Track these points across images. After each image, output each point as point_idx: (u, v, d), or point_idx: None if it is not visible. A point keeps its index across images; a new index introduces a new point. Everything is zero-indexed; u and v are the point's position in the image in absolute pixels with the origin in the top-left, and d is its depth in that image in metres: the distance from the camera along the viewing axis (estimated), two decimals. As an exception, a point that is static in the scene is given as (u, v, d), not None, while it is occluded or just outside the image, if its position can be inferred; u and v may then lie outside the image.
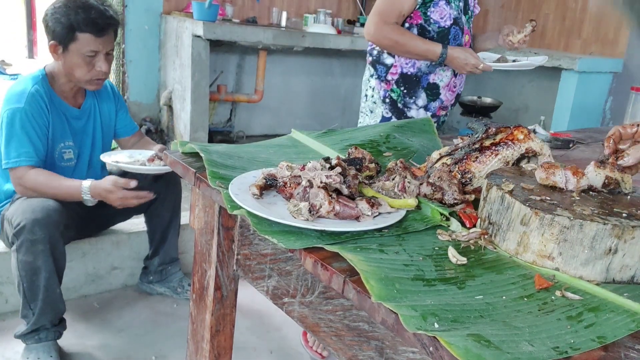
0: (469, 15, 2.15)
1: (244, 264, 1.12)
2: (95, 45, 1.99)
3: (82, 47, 1.97)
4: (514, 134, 1.11)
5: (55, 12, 1.95)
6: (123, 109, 2.32)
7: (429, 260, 0.84)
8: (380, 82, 2.13)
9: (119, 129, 2.32)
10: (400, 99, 2.11)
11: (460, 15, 2.07)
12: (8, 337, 2.06)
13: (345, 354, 0.88)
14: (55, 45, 1.98)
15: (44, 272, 1.87)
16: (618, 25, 4.20)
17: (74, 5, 1.96)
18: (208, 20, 3.68)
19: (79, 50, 1.97)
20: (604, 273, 0.83)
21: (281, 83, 4.83)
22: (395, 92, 2.11)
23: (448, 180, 1.04)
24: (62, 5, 1.96)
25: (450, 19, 2.03)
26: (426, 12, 2.01)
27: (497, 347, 0.63)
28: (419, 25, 2.02)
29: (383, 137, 1.39)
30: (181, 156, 1.21)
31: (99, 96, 2.22)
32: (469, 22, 2.15)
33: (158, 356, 2.08)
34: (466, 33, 2.12)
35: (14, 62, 5.48)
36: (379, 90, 2.14)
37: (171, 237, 2.42)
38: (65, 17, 1.94)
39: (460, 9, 2.08)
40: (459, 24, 2.06)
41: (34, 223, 1.84)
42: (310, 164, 1.03)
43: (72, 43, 1.96)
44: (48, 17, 1.97)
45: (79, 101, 2.14)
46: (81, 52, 1.97)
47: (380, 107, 2.14)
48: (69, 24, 1.94)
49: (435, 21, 2.01)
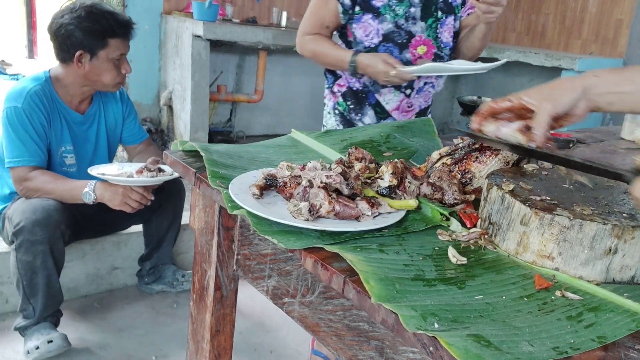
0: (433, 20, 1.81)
1: (244, 264, 1.12)
2: (123, 48, 2.03)
3: (112, 52, 1.99)
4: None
5: (81, 22, 1.94)
6: (132, 116, 2.30)
7: (429, 260, 0.84)
8: (330, 93, 1.99)
9: (126, 136, 2.29)
10: (347, 113, 1.94)
11: (402, 26, 1.77)
12: (8, 337, 2.07)
13: (346, 354, 0.88)
14: (82, 54, 1.97)
15: (43, 271, 1.88)
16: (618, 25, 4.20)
17: (98, 11, 1.97)
18: (208, 20, 3.68)
19: (108, 56, 1.99)
20: (604, 273, 0.83)
21: (281, 83, 4.83)
22: (342, 106, 1.95)
23: (448, 180, 1.04)
24: (85, 15, 1.95)
25: (379, 35, 1.76)
26: (352, 29, 1.79)
27: (497, 347, 0.63)
28: (348, 43, 1.84)
29: (383, 137, 1.39)
30: (181, 156, 1.21)
31: (106, 102, 2.20)
32: (431, 28, 1.81)
33: (158, 356, 2.08)
34: (421, 44, 1.80)
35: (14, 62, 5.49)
36: (329, 101, 2.00)
37: (166, 245, 2.42)
38: (98, 25, 1.95)
39: (413, 17, 1.77)
40: (394, 40, 1.77)
41: (34, 223, 1.84)
42: (310, 164, 1.03)
43: (102, 49, 1.98)
44: (72, 28, 1.94)
45: (84, 107, 2.12)
46: (110, 56, 2.00)
47: (332, 118, 2.00)
48: (101, 31, 1.95)
49: (359, 40, 1.78)
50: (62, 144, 2.06)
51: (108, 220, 2.26)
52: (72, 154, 2.09)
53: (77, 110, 2.10)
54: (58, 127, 2.03)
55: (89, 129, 2.14)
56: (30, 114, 1.93)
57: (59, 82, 2.04)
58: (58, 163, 2.06)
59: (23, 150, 1.93)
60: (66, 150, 2.07)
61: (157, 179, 1.98)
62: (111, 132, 2.22)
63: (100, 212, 2.15)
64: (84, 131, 2.13)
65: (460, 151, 1.14)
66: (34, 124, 1.94)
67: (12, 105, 1.93)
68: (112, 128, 2.22)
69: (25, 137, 1.93)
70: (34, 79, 2.01)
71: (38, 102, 1.96)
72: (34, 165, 1.95)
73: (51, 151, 2.03)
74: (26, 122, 1.92)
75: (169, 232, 2.39)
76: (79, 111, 2.10)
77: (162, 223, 2.35)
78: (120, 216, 2.29)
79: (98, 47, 1.97)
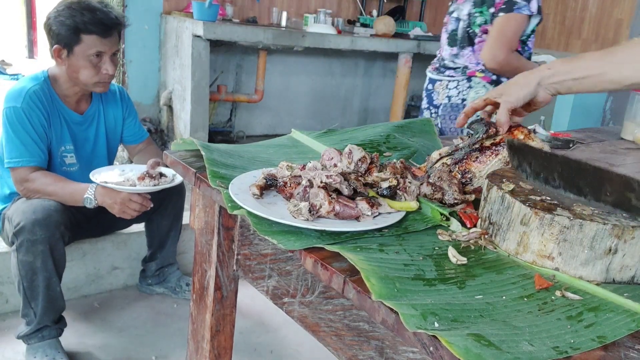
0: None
1: (244, 264, 1.12)
2: (100, 46, 1.97)
3: (87, 49, 1.95)
4: (514, 133, 1.11)
5: (58, 15, 1.93)
6: (132, 116, 2.28)
7: (429, 260, 0.84)
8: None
9: (126, 135, 2.28)
10: None
11: None
12: (8, 337, 2.07)
13: (346, 354, 0.88)
14: (60, 49, 1.95)
15: (43, 272, 1.87)
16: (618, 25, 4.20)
17: (78, 7, 1.94)
18: (208, 20, 3.68)
19: (84, 52, 1.95)
20: (604, 273, 0.83)
21: (281, 83, 4.83)
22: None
23: (448, 180, 1.04)
24: (65, 8, 1.94)
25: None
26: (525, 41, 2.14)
27: (497, 346, 0.63)
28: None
29: (383, 137, 1.39)
30: (181, 156, 1.21)
31: (106, 101, 2.19)
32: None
33: (158, 356, 2.08)
34: None
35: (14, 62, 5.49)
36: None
37: (170, 245, 2.42)
38: (70, 19, 1.92)
39: None
40: None
41: (34, 223, 1.84)
42: (310, 164, 1.03)
43: (77, 45, 1.94)
44: (51, 21, 1.95)
45: (83, 107, 2.11)
46: (86, 53, 1.95)
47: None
48: (74, 26, 1.92)
49: (528, 48, 2.17)
50: (62, 143, 2.05)
51: (108, 221, 2.25)
52: (72, 153, 2.08)
53: (76, 110, 2.09)
54: (58, 127, 2.03)
55: (88, 129, 2.13)
56: (30, 114, 1.93)
57: (56, 81, 2.03)
58: (59, 163, 2.05)
59: (23, 150, 1.92)
60: (66, 149, 2.07)
61: (159, 187, 1.98)
62: (111, 133, 2.21)
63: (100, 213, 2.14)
64: (83, 131, 2.12)
65: (461, 151, 1.14)
66: (34, 124, 1.94)
67: (11, 105, 1.92)
68: (111, 128, 2.21)
69: (25, 137, 1.92)
70: (32, 79, 2.00)
71: (37, 102, 1.95)
72: (34, 165, 1.94)
73: (51, 151, 2.03)
74: (26, 122, 1.92)
75: (172, 231, 2.39)
76: (78, 111, 2.09)
77: (164, 222, 2.35)
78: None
79: (73, 42, 1.94)
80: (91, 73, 1.98)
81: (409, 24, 5.21)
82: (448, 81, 2.28)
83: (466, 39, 2.22)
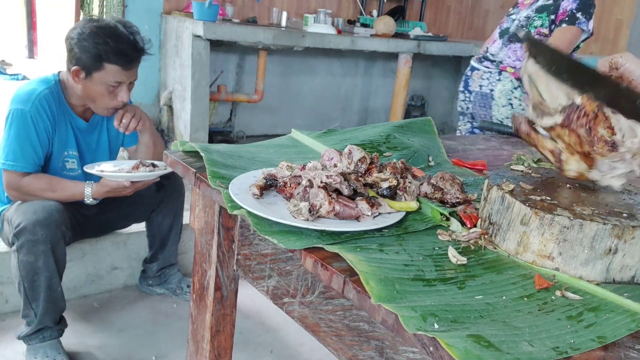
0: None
1: (244, 264, 1.12)
2: (120, 77, 1.93)
3: (107, 77, 1.91)
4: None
5: (82, 40, 1.88)
6: None
7: (429, 260, 0.84)
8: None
9: (127, 138, 2.26)
10: None
11: None
12: (8, 337, 2.07)
13: (346, 354, 0.88)
14: (78, 71, 1.91)
15: (45, 272, 1.87)
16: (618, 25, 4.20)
17: (103, 34, 1.89)
18: (208, 20, 3.68)
19: (102, 79, 1.91)
20: (604, 273, 0.83)
21: (281, 83, 4.83)
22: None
23: (450, 180, 1.04)
24: (90, 33, 1.88)
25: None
26: None
27: (497, 347, 0.63)
28: None
29: (383, 137, 1.39)
30: (181, 156, 1.21)
31: None
32: None
33: (158, 356, 2.08)
34: None
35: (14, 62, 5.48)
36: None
37: (171, 244, 2.41)
38: (94, 47, 1.87)
39: None
40: None
41: (35, 223, 1.84)
42: (310, 164, 1.03)
43: (97, 72, 1.90)
44: (73, 43, 1.89)
45: (89, 114, 2.09)
46: (105, 81, 1.91)
47: None
48: (97, 54, 1.87)
49: None
50: (66, 148, 2.04)
51: (108, 221, 2.25)
52: (74, 159, 2.07)
53: (83, 117, 2.07)
54: (63, 132, 2.01)
55: (92, 135, 2.12)
56: (36, 119, 1.90)
57: (67, 88, 2.00)
58: (59, 167, 2.04)
59: (19, 155, 1.90)
60: (69, 155, 2.05)
61: (154, 174, 1.97)
62: (113, 139, 2.20)
63: (100, 213, 2.14)
64: (87, 137, 2.11)
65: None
66: (38, 130, 1.91)
67: (19, 107, 1.90)
68: (114, 135, 2.19)
69: (25, 142, 1.90)
70: (43, 81, 1.97)
71: (46, 107, 1.92)
72: (27, 171, 1.93)
73: (53, 155, 2.01)
74: (30, 127, 1.90)
75: (172, 231, 2.39)
76: (84, 118, 2.07)
77: (164, 222, 2.35)
78: (120, 216, 2.29)
79: (93, 68, 1.90)
80: (107, 99, 1.96)
81: (409, 24, 5.21)
82: (483, 72, 2.68)
83: (516, 36, 2.49)
